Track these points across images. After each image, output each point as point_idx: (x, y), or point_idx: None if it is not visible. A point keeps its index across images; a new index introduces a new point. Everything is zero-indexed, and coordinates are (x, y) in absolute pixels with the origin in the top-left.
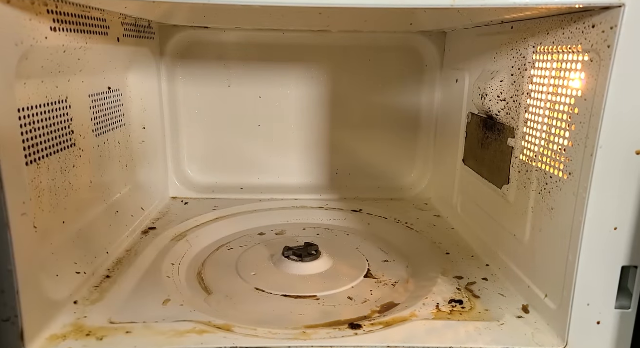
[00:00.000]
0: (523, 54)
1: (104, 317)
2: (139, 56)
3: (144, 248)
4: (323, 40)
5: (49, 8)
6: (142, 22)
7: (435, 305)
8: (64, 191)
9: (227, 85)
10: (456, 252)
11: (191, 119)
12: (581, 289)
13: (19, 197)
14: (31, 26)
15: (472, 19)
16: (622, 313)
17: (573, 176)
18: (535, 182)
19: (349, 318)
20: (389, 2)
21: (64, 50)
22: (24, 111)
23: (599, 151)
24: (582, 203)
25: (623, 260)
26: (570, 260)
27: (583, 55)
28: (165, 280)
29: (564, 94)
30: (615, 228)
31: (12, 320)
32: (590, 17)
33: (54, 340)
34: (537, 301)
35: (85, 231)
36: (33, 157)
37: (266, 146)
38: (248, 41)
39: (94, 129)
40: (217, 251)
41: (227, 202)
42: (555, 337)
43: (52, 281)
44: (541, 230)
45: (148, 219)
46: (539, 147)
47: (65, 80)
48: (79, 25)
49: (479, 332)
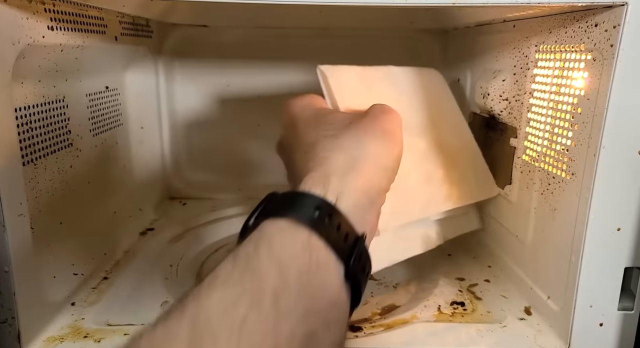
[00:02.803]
0: (525, 53)
1: (102, 318)
2: (136, 55)
3: (141, 250)
4: (323, 38)
5: (46, 7)
6: (140, 21)
7: (437, 307)
8: (61, 191)
9: (225, 84)
10: (458, 253)
11: (189, 118)
12: (584, 291)
13: (16, 197)
14: (28, 25)
15: (473, 18)
16: (625, 314)
17: (576, 176)
18: (537, 183)
19: (350, 320)
20: (391, 1)
21: (61, 49)
22: (20, 111)
23: (602, 151)
24: (585, 204)
25: (626, 262)
26: (572, 262)
27: (586, 54)
28: (164, 281)
29: (567, 94)
30: (618, 229)
31: (9, 322)
32: (593, 16)
33: (51, 342)
34: (539, 303)
35: (83, 232)
36: (30, 157)
37: (265, 146)
38: (247, 40)
39: (91, 129)
40: (215, 252)
41: (226, 202)
42: (557, 339)
43: (50, 282)
44: (543, 231)
45: (146, 220)
46: (542, 147)
47: (63, 79)
48: (77, 24)
49: (480, 334)
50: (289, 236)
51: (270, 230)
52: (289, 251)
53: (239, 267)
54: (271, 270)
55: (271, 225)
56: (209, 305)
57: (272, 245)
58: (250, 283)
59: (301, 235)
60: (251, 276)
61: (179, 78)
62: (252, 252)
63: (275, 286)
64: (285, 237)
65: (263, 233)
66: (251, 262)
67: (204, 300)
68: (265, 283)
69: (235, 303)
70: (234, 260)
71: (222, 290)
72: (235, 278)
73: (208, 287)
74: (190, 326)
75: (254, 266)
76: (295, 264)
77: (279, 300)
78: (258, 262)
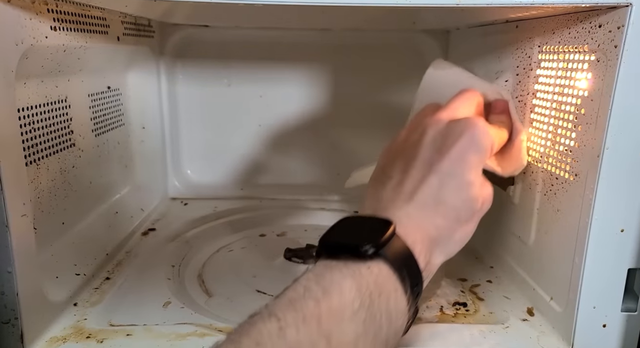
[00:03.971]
0: (528, 54)
1: (104, 319)
2: (138, 55)
3: (143, 250)
4: (325, 38)
5: (49, 7)
6: (142, 21)
7: (439, 307)
8: (63, 192)
9: (227, 84)
10: (460, 253)
11: (191, 119)
12: (587, 292)
13: (19, 197)
14: (31, 25)
15: (476, 18)
16: (628, 316)
17: (579, 177)
18: (540, 183)
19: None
20: (393, 2)
21: (64, 50)
22: (23, 111)
23: (606, 152)
24: (589, 205)
25: (629, 263)
26: (576, 263)
27: (589, 55)
28: (166, 281)
29: (570, 94)
30: (621, 230)
31: (12, 322)
32: (597, 17)
33: (54, 342)
34: (542, 304)
35: (85, 232)
36: (33, 157)
37: (267, 146)
38: (249, 40)
39: (93, 129)
40: (217, 252)
41: (227, 202)
42: (560, 340)
43: (52, 283)
44: (547, 232)
45: (148, 220)
46: (545, 148)
47: (65, 79)
48: (79, 24)
49: (483, 335)
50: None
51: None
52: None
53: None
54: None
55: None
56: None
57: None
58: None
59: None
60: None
61: (180, 78)
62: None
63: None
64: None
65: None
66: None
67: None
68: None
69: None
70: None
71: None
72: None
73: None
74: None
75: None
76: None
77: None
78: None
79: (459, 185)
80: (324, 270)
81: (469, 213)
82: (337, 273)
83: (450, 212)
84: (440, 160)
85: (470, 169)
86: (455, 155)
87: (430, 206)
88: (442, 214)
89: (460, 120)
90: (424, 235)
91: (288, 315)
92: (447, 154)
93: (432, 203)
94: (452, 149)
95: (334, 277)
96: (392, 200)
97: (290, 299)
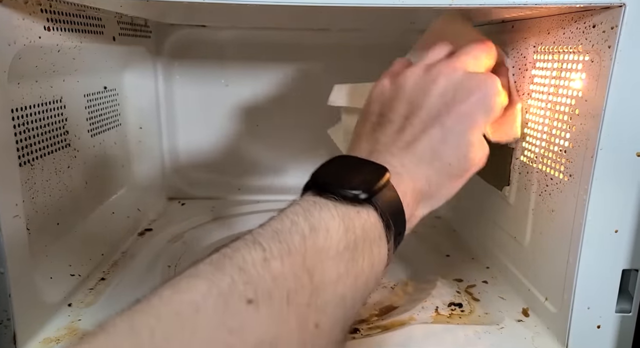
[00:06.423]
0: (523, 54)
1: (99, 320)
2: (135, 55)
3: (139, 250)
4: (322, 38)
5: (42, 7)
6: (138, 21)
7: (435, 308)
8: (58, 192)
9: (224, 84)
10: (456, 254)
11: (188, 119)
12: (581, 292)
13: (12, 198)
14: (24, 25)
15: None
16: (623, 317)
17: (573, 178)
18: (535, 184)
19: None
20: (389, 2)
21: (58, 50)
22: (17, 111)
23: (600, 152)
24: (583, 206)
25: (624, 263)
26: (570, 263)
27: (584, 55)
28: (162, 282)
29: (565, 95)
30: (615, 231)
31: (5, 323)
32: (591, 17)
33: (48, 343)
34: (537, 304)
35: (80, 232)
36: (27, 157)
37: (264, 146)
38: (246, 40)
39: (89, 129)
40: (214, 253)
41: (225, 202)
42: (555, 341)
43: (46, 283)
44: (541, 233)
45: (144, 220)
46: (540, 148)
47: (60, 79)
48: (74, 24)
49: (478, 335)
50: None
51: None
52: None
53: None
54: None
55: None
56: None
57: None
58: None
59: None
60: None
61: (177, 78)
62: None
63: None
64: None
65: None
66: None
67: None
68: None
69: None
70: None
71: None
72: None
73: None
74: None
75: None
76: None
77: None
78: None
79: (459, 143)
80: (312, 207)
81: (462, 171)
82: (326, 212)
83: (444, 168)
84: (446, 115)
85: (473, 129)
86: (464, 113)
87: (426, 159)
88: (436, 169)
89: (477, 75)
90: (414, 187)
91: (273, 246)
92: (456, 109)
93: (429, 157)
94: (462, 105)
95: (322, 215)
96: (388, 146)
97: (276, 230)
